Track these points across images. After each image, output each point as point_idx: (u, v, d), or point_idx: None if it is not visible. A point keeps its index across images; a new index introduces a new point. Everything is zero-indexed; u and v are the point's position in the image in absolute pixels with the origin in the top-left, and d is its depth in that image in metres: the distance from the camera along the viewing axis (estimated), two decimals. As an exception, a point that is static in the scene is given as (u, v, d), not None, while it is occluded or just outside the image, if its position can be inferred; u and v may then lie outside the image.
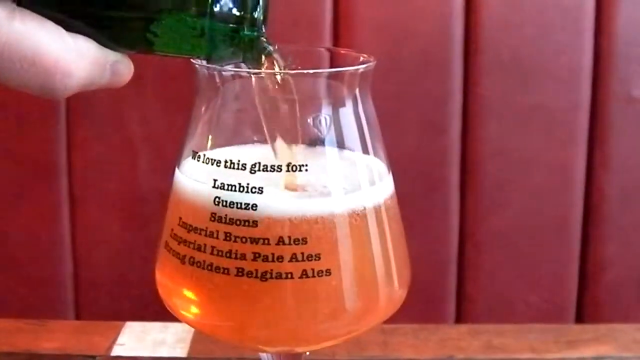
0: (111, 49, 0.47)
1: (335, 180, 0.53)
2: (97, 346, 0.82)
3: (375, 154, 0.56)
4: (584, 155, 0.98)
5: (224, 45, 0.48)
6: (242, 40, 0.48)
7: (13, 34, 0.43)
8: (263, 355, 0.58)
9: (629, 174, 0.99)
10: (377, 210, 0.54)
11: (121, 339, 0.83)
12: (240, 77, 0.55)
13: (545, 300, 1.01)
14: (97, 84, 0.47)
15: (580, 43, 0.96)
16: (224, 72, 0.54)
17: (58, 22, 0.45)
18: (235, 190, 0.51)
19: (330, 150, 0.54)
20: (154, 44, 0.47)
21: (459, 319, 1.02)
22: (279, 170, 0.51)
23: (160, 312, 0.57)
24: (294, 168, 0.51)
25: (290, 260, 0.51)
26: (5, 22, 0.43)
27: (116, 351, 0.81)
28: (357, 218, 0.53)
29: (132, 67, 0.49)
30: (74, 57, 0.45)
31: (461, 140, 0.98)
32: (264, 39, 0.49)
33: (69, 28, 0.45)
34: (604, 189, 0.99)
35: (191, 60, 0.54)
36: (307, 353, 0.57)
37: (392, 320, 0.78)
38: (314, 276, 0.51)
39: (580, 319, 1.02)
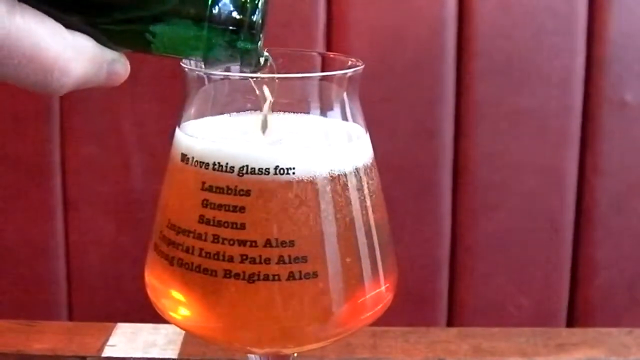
0: (109, 47, 0.47)
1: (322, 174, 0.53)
2: (88, 347, 0.82)
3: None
4: (575, 159, 0.99)
5: (221, 49, 0.48)
6: (240, 47, 0.48)
7: (14, 29, 0.43)
8: (251, 356, 0.58)
9: (621, 177, 0.99)
10: (364, 217, 0.54)
11: (112, 340, 0.83)
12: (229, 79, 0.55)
13: (536, 303, 1.02)
14: (93, 82, 0.47)
15: (572, 47, 0.96)
16: (212, 75, 0.55)
17: (58, 19, 0.45)
18: (223, 193, 0.51)
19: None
20: (152, 44, 0.47)
21: (451, 322, 1.02)
22: (266, 173, 0.51)
23: (154, 314, 0.57)
24: (282, 171, 0.51)
25: (278, 263, 0.51)
26: (7, 17, 0.42)
27: (107, 352, 0.81)
28: (345, 219, 0.53)
29: (128, 66, 0.49)
30: (72, 56, 0.45)
31: (453, 143, 0.98)
32: (261, 45, 0.50)
33: (68, 25, 0.45)
34: (595, 192, 0.99)
35: (181, 63, 0.55)
36: (295, 355, 0.57)
37: (383, 323, 0.78)
38: (300, 278, 0.51)
39: (571, 322, 1.02)
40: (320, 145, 0.54)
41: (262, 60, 0.51)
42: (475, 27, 0.96)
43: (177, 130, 0.56)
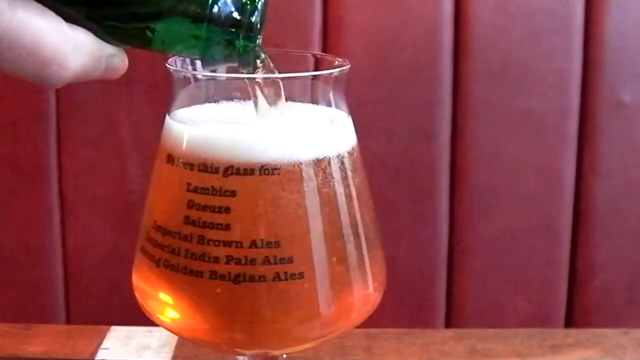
0: (108, 42, 0.48)
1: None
2: (82, 350, 0.82)
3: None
4: (573, 160, 0.98)
5: (219, 48, 0.48)
6: (238, 47, 0.48)
7: (15, 22, 0.43)
8: (240, 358, 0.58)
9: (618, 178, 0.99)
10: (351, 215, 0.54)
11: (106, 343, 0.83)
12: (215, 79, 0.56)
13: (534, 305, 1.01)
14: (91, 75, 0.48)
15: (569, 48, 0.96)
16: (198, 76, 0.55)
17: (58, 12, 0.45)
18: (208, 194, 0.51)
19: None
20: (151, 41, 0.48)
21: (448, 324, 1.02)
22: (251, 173, 0.51)
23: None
24: (267, 171, 0.51)
25: (263, 263, 0.51)
26: (8, 10, 0.43)
27: (101, 355, 0.81)
28: (331, 218, 0.53)
29: (126, 61, 0.49)
30: (71, 49, 0.45)
31: (451, 145, 0.98)
32: (259, 46, 0.50)
33: (68, 19, 0.46)
34: (593, 194, 0.99)
35: (166, 64, 0.55)
36: (284, 356, 0.57)
37: (380, 325, 0.78)
38: (286, 279, 0.51)
39: (569, 324, 1.01)
40: (306, 137, 0.53)
41: (259, 61, 0.51)
42: (472, 28, 0.96)
43: (166, 120, 0.56)
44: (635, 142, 0.98)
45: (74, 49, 0.45)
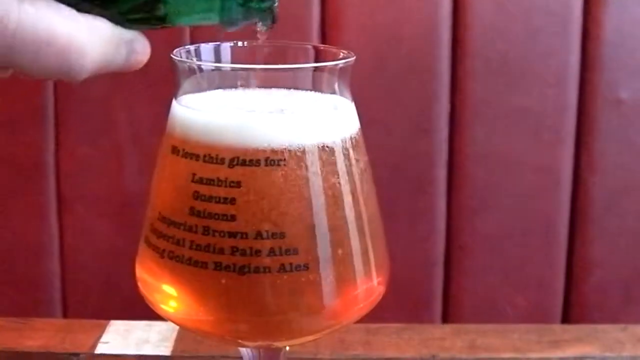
0: (124, 27, 0.47)
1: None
2: (81, 344, 0.82)
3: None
4: (571, 157, 0.99)
5: (237, 9, 0.48)
6: (254, 4, 0.48)
7: (24, 17, 0.42)
8: (243, 350, 0.58)
9: (616, 176, 0.99)
10: (356, 207, 0.54)
11: (105, 337, 0.83)
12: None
13: (531, 302, 1.01)
14: (114, 64, 0.47)
15: (567, 46, 0.97)
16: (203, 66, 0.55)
17: (70, 4, 0.45)
18: (213, 185, 0.51)
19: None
20: (167, 14, 0.47)
21: (446, 320, 1.02)
22: (257, 164, 0.51)
23: (148, 312, 0.57)
24: (272, 162, 0.51)
25: (269, 255, 0.51)
26: (16, 6, 0.42)
27: (100, 349, 0.81)
28: (336, 210, 0.53)
29: (148, 46, 0.49)
30: (87, 36, 0.45)
31: (448, 142, 0.98)
32: (277, 3, 0.50)
33: (80, 9, 0.45)
34: (590, 191, 0.99)
35: (171, 55, 0.55)
36: (287, 348, 0.57)
37: (378, 321, 0.78)
38: (291, 270, 0.51)
39: (566, 320, 1.02)
40: (310, 122, 0.53)
41: (275, 16, 0.51)
42: (470, 25, 0.96)
43: (172, 105, 0.56)
44: (633, 140, 0.99)
45: (90, 36, 0.45)
